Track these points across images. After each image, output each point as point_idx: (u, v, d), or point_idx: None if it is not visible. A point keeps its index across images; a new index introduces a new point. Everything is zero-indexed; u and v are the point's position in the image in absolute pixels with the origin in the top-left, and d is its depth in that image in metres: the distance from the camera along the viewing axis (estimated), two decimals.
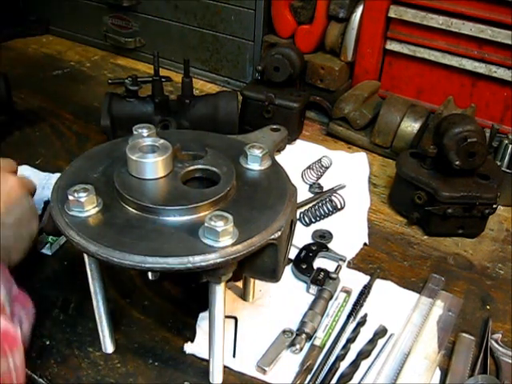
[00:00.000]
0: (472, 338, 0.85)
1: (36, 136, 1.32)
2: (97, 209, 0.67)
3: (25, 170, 1.15)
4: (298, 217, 1.05)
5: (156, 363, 0.79)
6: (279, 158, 0.82)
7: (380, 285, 0.94)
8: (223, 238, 0.62)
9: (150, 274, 0.92)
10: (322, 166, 1.23)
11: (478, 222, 1.07)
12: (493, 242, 1.08)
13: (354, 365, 0.79)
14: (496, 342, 0.85)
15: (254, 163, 0.78)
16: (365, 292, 0.91)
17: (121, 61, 1.75)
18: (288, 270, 0.94)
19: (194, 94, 1.25)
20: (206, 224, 0.62)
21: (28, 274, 0.91)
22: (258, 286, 0.90)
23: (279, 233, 0.67)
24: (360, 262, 0.99)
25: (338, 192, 1.14)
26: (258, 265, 0.69)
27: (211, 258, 0.61)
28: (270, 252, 0.68)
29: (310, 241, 1.02)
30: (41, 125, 1.36)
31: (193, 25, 1.59)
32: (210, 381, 0.75)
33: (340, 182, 1.19)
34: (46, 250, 0.96)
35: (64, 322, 0.84)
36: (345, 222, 1.08)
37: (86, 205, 0.66)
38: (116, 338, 0.80)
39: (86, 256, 0.69)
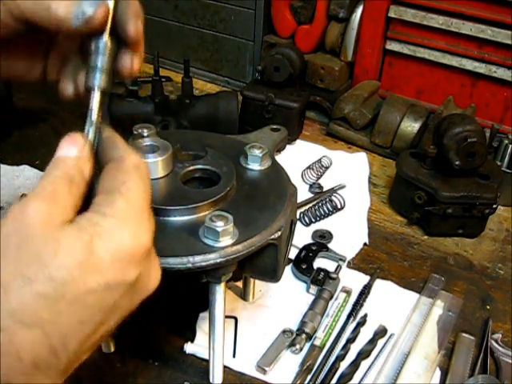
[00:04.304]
0: (472, 337, 0.85)
1: (36, 136, 1.32)
2: None
3: (25, 170, 1.15)
4: (298, 217, 1.05)
5: (156, 363, 0.79)
6: (279, 157, 0.82)
7: (380, 285, 0.94)
8: (223, 238, 0.62)
9: None
10: (322, 165, 1.23)
11: (478, 222, 1.07)
12: (493, 241, 1.08)
13: (354, 365, 0.79)
14: (496, 341, 0.85)
15: (254, 163, 0.78)
16: (365, 292, 0.91)
17: None
18: (288, 270, 0.94)
19: (194, 94, 1.25)
20: (206, 224, 0.62)
21: None
22: (258, 286, 0.90)
23: (279, 233, 0.67)
24: (360, 262, 0.99)
25: (338, 192, 1.14)
26: (258, 265, 0.69)
27: (211, 258, 0.61)
28: (269, 252, 0.68)
29: (310, 241, 1.02)
30: (41, 125, 1.36)
31: (193, 25, 1.59)
32: (210, 381, 0.75)
33: (340, 181, 1.19)
34: None
35: None
36: (345, 221, 1.08)
37: None
38: (116, 338, 0.80)
39: None
